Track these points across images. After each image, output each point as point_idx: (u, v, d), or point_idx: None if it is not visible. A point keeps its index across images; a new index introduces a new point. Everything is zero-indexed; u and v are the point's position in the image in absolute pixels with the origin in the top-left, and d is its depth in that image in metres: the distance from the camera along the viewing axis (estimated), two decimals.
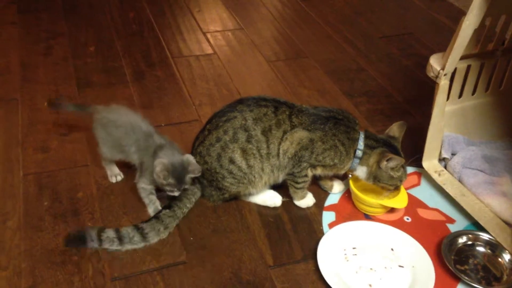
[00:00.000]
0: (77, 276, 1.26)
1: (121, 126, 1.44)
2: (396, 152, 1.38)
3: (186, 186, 1.39)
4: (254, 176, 1.38)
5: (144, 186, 1.42)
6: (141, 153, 1.42)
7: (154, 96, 1.93)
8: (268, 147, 1.35)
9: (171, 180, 1.35)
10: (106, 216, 1.42)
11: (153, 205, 1.41)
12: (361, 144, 1.37)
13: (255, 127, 1.34)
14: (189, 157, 1.38)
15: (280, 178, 1.43)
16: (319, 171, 1.42)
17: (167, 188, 1.37)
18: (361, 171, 1.40)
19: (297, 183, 1.42)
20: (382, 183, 1.39)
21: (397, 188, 1.42)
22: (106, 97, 1.90)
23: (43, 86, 1.95)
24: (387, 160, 1.34)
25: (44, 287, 1.23)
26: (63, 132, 1.72)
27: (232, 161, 1.36)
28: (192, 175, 1.38)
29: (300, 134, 1.35)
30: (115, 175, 1.52)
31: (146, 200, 1.42)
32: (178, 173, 1.35)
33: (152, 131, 1.44)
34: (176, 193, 1.38)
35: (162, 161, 1.33)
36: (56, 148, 1.65)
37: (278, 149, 1.36)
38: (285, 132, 1.35)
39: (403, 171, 1.38)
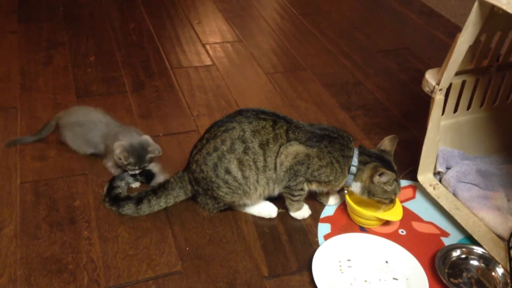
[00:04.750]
0: (73, 285, 1.26)
1: (84, 124, 1.62)
2: (389, 166, 1.39)
3: (147, 166, 1.53)
4: (249, 188, 1.39)
5: (111, 164, 1.58)
6: (105, 141, 1.58)
7: (153, 106, 1.95)
8: (265, 160, 1.36)
9: (131, 160, 1.48)
10: (102, 225, 1.43)
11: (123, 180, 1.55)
12: (355, 161, 1.39)
13: (252, 139, 1.36)
14: (148, 138, 1.54)
15: (276, 191, 1.44)
16: (314, 187, 1.43)
17: (129, 167, 1.50)
18: (355, 187, 1.42)
19: (293, 196, 1.43)
20: (377, 197, 1.40)
21: (392, 201, 1.43)
22: (105, 106, 1.91)
23: (43, 95, 1.96)
24: (379, 175, 1.35)
25: None
26: (61, 141, 1.73)
27: (228, 171, 1.37)
28: (152, 155, 1.52)
29: (296, 148, 1.36)
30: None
31: (115, 171, 1.58)
32: (137, 152, 1.49)
33: (109, 120, 1.64)
34: (137, 171, 1.52)
35: (121, 143, 1.48)
36: (54, 157, 1.66)
37: (275, 162, 1.37)
38: (281, 146, 1.37)
39: (396, 185, 1.40)
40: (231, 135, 1.36)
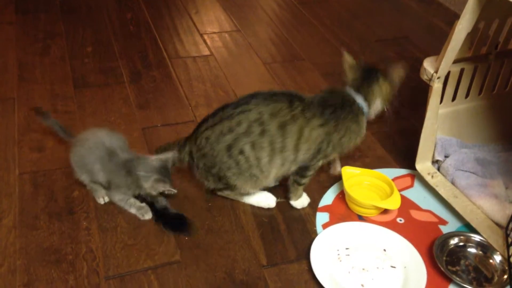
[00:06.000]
0: (72, 275, 1.27)
1: (84, 144, 1.41)
2: (385, 70, 1.44)
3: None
4: (261, 170, 1.37)
5: (119, 197, 1.43)
6: (108, 173, 1.39)
7: (151, 97, 1.94)
8: (282, 141, 1.34)
9: (168, 184, 1.37)
10: (101, 215, 1.43)
11: (133, 207, 1.43)
12: (359, 99, 1.41)
13: (270, 122, 1.33)
14: (162, 157, 1.40)
15: (292, 168, 1.42)
16: (334, 156, 1.46)
17: (167, 191, 1.39)
18: (376, 110, 1.45)
19: (304, 177, 1.43)
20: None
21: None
22: (103, 97, 1.91)
23: (40, 86, 1.96)
24: (398, 70, 1.42)
25: (39, 285, 1.24)
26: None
27: (242, 152, 1.34)
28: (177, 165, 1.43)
29: (317, 132, 1.37)
30: (103, 196, 1.46)
31: (126, 207, 1.43)
32: (166, 172, 1.38)
33: (119, 147, 1.41)
34: (174, 190, 1.39)
35: (155, 178, 1.36)
36: (52, 148, 1.66)
37: (294, 144, 1.36)
38: (301, 127, 1.35)
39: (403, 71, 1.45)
40: (248, 117, 1.34)
